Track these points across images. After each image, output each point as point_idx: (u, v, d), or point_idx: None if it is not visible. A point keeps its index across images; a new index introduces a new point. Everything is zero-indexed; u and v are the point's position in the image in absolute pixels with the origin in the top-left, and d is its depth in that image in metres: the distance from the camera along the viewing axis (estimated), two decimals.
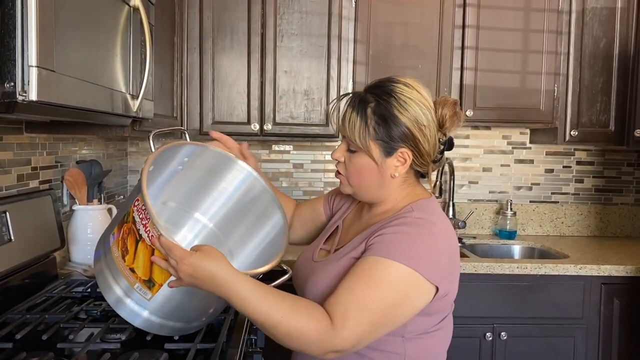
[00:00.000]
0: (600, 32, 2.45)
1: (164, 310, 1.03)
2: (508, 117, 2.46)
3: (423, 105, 1.10)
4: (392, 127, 1.09)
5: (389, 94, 1.10)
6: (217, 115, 2.36)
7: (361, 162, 1.13)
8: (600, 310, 2.18)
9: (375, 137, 1.10)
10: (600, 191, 2.84)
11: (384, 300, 1.00)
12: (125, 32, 1.34)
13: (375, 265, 1.02)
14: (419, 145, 1.10)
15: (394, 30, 2.39)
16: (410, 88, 1.11)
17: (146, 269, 0.99)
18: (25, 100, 0.87)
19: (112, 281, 1.03)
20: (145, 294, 1.00)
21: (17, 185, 1.58)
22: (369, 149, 1.11)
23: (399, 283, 1.01)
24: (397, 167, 1.12)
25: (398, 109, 1.08)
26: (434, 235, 1.07)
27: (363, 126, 1.10)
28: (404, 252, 1.02)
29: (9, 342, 1.13)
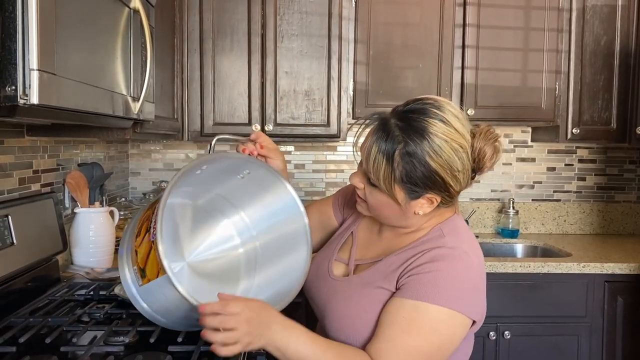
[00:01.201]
0: (601, 29, 2.44)
1: (149, 301, 1.05)
2: (509, 116, 2.46)
3: (460, 148, 0.99)
4: (421, 174, 0.98)
5: (422, 135, 0.97)
6: (218, 117, 2.36)
7: (382, 198, 1.05)
8: (603, 309, 2.17)
9: (401, 181, 1.00)
10: (603, 189, 2.84)
11: (429, 347, 0.98)
12: (125, 34, 1.34)
13: (414, 311, 0.98)
14: (450, 189, 1.01)
15: (394, 30, 2.39)
16: (447, 125, 0.98)
17: (143, 258, 1.01)
18: (26, 103, 0.86)
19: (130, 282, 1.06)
20: (138, 280, 1.02)
21: (19, 189, 1.58)
22: (394, 192, 1.02)
23: (442, 327, 0.98)
24: (423, 206, 1.04)
25: (430, 154, 0.97)
26: (469, 268, 1.02)
27: (389, 169, 1.00)
28: (443, 293, 0.98)
29: (13, 345, 1.12)
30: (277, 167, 1.21)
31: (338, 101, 2.37)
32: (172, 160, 2.75)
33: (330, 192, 2.76)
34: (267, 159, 1.21)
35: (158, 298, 1.02)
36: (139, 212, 1.09)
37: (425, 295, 0.98)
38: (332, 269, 1.20)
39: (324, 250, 1.29)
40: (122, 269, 1.07)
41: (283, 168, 1.24)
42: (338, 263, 1.21)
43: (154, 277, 0.98)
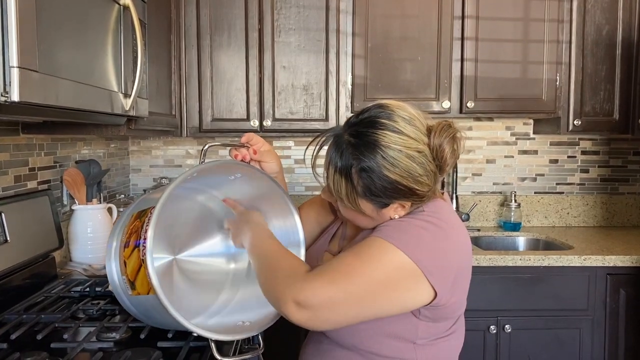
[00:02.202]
0: (603, 19, 2.41)
1: (139, 309, 1.05)
2: (510, 108, 2.43)
3: (416, 153, 0.96)
4: (381, 188, 0.97)
5: (374, 150, 0.96)
6: (216, 113, 2.36)
7: (352, 213, 1.05)
8: (605, 301, 2.15)
9: (364, 196, 1.00)
10: (606, 181, 2.81)
11: (370, 277, 0.93)
12: (115, 30, 1.34)
13: (373, 244, 0.96)
14: (417, 191, 0.99)
15: (393, 22, 2.37)
16: (399, 133, 0.96)
17: (133, 272, 1.00)
18: (7, 101, 0.86)
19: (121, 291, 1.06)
20: (127, 289, 1.02)
21: (15, 187, 1.59)
22: (360, 206, 1.02)
23: (392, 268, 0.94)
24: (397, 210, 1.02)
25: (387, 167, 0.96)
26: (445, 237, 0.99)
27: (350, 188, 1.00)
28: (410, 242, 0.95)
29: (4, 342, 1.13)
30: (273, 170, 1.20)
31: (336, 95, 2.36)
32: (172, 156, 2.75)
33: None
34: (261, 163, 1.19)
35: (148, 308, 1.02)
36: (126, 216, 1.07)
37: (389, 236, 0.96)
38: (321, 260, 1.21)
39: (317, 243, 1.30)
40: (109, 269, 1.06)
41: (279, 170, 1.22)
42: (327, 254, 1.22)
43: (145, 292, 0.97)
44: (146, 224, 0.96)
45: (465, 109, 2.39)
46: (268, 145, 1.20)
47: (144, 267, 0.95)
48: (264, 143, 1.20)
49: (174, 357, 1.06)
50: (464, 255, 1.03)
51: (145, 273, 0.94)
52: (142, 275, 0.97)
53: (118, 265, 1.03)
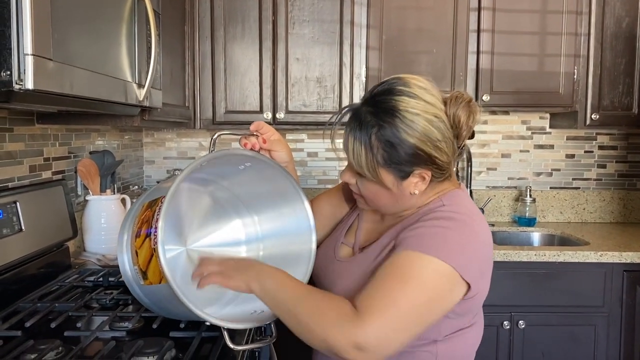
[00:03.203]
0: (623, 11, 2.36)
1: (151, 299, 1.04)
2: (526, 102, 2.40)
3: (434, 117, 0.97)
4: (401, 152, 0.97)
5: (392, 114, 0.97)
6: (229, 105, 2.35)
7: (373, 188, 1.04)
8: (622, 298, 2.12)
9: (384, 164, 0.99)
10: (624, 176, 2.76)
11: (416, 298, 0.92)
12: (130, 21, 1.33)
13: (407, 260, 0.94)
14: (436, 161, 0.99)
15: (408, 14, 2.35)
16: (415, 99, 0.97)
17: (144, 262, 1.00)
18: (22, 89, 0.86)
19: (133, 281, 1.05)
20: (139, 279, 1.01)
21: (29, 176, 1.60)
22: (380, 177, 1.00)
23: (433, 279, 0.93)
24: (417, 184, 1.02)
25: (405, 130, 0.96)
26: (470, 231, 0.99)
27: (370, 156, 0.99)
28: (440, 246, 0.94)
29: (19, 330, 1.14)
30: (283, 159, 1.18)
31: (350, 88, 2.34)
32: (186, 148, 2.76)
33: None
34: (271, 152, 1.17)
35: (160, 298, 1.01)
36: (137, 206, 1.06)
37: (421, 246, 0.95)
38: (338, 252, 1.19)
39: (332, 235, 1.28)
40: (121, 261, 1.05)
41: (289, 160, 1.20)
42: (344, 246, 1.20)
43: (157, 282, 0.97)
44: (157, 213, 0.96)
45: (480, 102, 2.36)
46: (278, 134, 1.18)
47: (155, 257, 0.95)
48: (274, 132, 1.17)
49: (186, 347, 1.06)
50: (488, 245, 1.03)
51: (157, 262, 0.94)
52: (154, 264, 0.96)
53: (130, 256, 1.03)
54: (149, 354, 1.02)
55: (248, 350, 1.15)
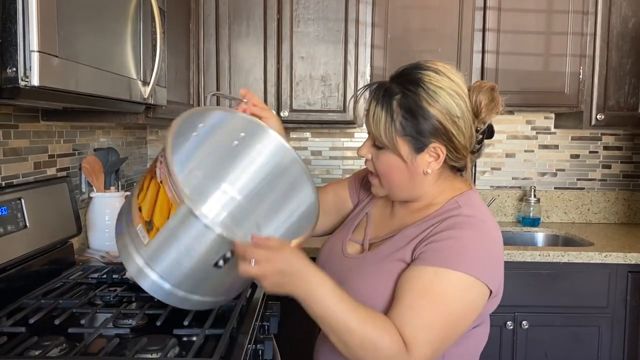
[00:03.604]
0: (629, 11, 2.35)
1: (156, 261, 0.94)
2: (531, 101, 2.39)
3: (455, 94, 1.00)
4: (420, 121, 0.99)
5: (416, 84, 1.00)
6: (233, 103, 2.35)
7: (389, 160, 1.05)
8: (626, 300, 2.11)
9: (402, 133, 1.01)
10: (629, 177, 2.75)
11: (450, 315, 0.95)
12: (135, 18, 1.34)
13: (435, 278, 0.95)
14: (453, 139, 1.01)
15: (413, 13, 2.34)
16: (440, 75, 1.00)
17: (149, 209, 0.94)
18: (27, 85, 0.86)
19: (133, 249, 0.96)
20: (143, 238, 0.94)
21: (34, 173, 1.60)
22: (397, 146, 1.02)
23: (462, 294, 0.96)
24: (430, 164, 1.03)
25: (427, 100, 0.99)
26: (487, 236, 1.01)
27: (389, 121, 1.01)
28: (462, 259, 0.96)
29: (23, 326, 1.14)
30: (274, 127, 1.17)
31: (355, 87, 2.34)
32: None
33: (350, 176, 2.74)
34: (262, 119, 1.16)
35: (169, 252, 0.93)
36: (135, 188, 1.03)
37: (445, 262, 0.96)
38: (347, 249, 1.18)
39: (338, 231, 1.27)
40: (122, 246, 0.98)
41: (280, 128, 1.19)
42: (352, 243, 1.19)
43: (165, 219, 0.90)
44: (160, 155, 0.91)
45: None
46: (264, 103, 1.19)
47: (161, 190, 0.90)
48: (261, 101, 1.18)
49: (190, 344, 1.05)
50: (501, 247, 1.05)
51: (164, 195, 0.89)
52: (162, 200, 0.91)
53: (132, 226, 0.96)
54: (153, 351, 1.02)
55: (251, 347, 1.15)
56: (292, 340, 1.71)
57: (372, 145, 1.07)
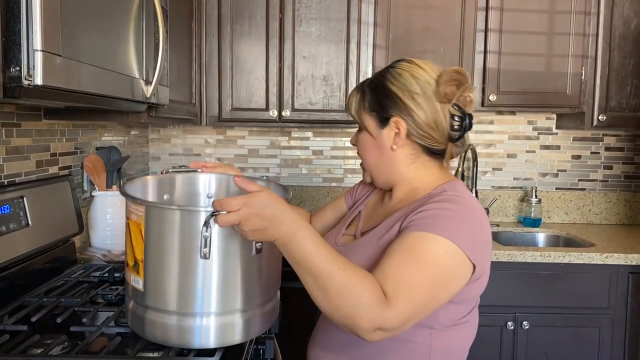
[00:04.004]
0: (632, 12, 2.35)
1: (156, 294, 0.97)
2: (533, 102, 2.39)
3: (419, 76, 1.09)
4: (382, 97, 1.12)
5: (387, 69, 1.14)
6: (235, 102, 2.36)
7: (363, 138, 1.17)
8: (627, 301, 2.11)
9: (368, 109, 1.14)
10: (630, 178, 2.75)
11: (433, 277, 0.96)
12: (138, 17, 1.34)
13: (420, 241, 0.97)
14: (413, 114, 1.08)
15: (415, 13, 2.34)
16: (411, 64, 1.12)
17: (130, 253, 0.99)
18: (30, 84, 0.87)
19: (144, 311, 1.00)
20: (138, 284, 0.98)
21: (36, 171, 1.60)
22: (365, 122, 1.15)
23: (446, 260, 0.97)
24: (395, 139, 1.11)
25: (390, 79, 1.11)
26: (473, 214, 1.04)
27: (360, 101, 1.16)
28: (448, 228, 0.98)
29: (25, 324, 1.15)
30: None
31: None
32: (191, 145, 2.76)
33: (348, 178, 2.75)
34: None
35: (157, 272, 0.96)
36: None
37: (430, 228, 0.98)
38: (339, 240, 1.23)
39: (334, 229, 1.33)
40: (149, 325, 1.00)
41: None
42: (345, 236, 1.24)
43: (142, 243, 0.95)
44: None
45: (487, 102, 2.36)
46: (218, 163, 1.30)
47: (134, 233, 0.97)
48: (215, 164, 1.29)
49: None
50: (488, 230, 1.07)
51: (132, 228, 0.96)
52: (133, 232, 0.98)
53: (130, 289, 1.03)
54: (154, 349, 1.02)
55: (252, 347, 1.15)
56: (293, 339, 1.71)
57: (358, 131, 1.20)
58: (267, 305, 1.07)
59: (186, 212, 0.94)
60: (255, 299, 1.02)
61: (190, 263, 0.94)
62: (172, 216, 0.94)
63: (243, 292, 0.99)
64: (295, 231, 0.91)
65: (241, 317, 1.00)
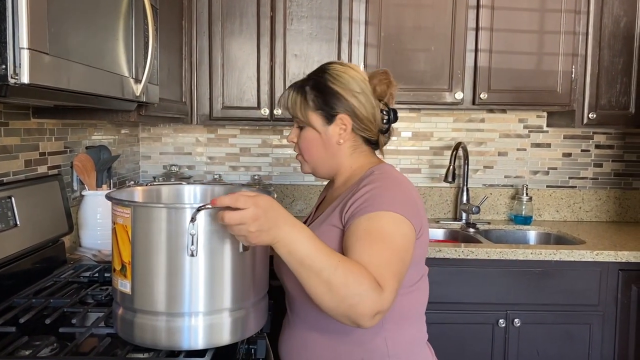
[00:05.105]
0: (621, 11, 2.36)
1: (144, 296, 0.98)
2: (524, 100, 2.40)
3: (355, 77, 1.22)
4: (327, 96, 1.21)
5: (323, 72, 1.24)
6: (226, 100, 2.35)
7: (308, 135, 1.25)
8: (617, 297, 2.12)
9: (314, 108, 1.22)
10: (620, 175, 2.77)
11: (397, 249, 1.05)
12: (127, 15, 1.33)
13: (371, 222, 1.07)
14: (355, 110, 1.21)
15: (406, 11, 2.34)
16: (343, 66, 1.24)
17: (117, 257, 1.00)
18: (17, 83, 0.85)
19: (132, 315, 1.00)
20: (125, 287, 0.98)
21: (25, 171, 1.59)
22: (311, 120, 1.23)
23: (397, 229, 1.07)
24: (341, 134, 1.23)
25: (331, 80, 1.22)
26: (397, 182, 1.17)
27: (303, 101, 1.24)
28: (385, 202, 1.09)
29: (13, 326, 1.13)
30: None
31: None
32: (182, 144, 2.75)
33: None
34: None
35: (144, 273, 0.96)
36: None
37: (371, 207, 1.09)
38: None
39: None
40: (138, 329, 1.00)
41: None
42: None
43: (128, 245, 0.96)
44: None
45: (478, 100, 2.36)
46: None
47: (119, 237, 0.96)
48: None
49: None
50: (413, 191, 1.18)
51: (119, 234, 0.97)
52: (120, 235, 0.98)
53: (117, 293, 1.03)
54: (144, 350, 1.01)
55: (244, 347, 1.14)
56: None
57: (297, 128, 1.28)
58: (256, 304, 1.07)
59: (172, 210, 0.94)
60: (244, 297, 1.02)
61: (178, 262, 0.94)
62: (158, 215, 0.94)
63: (231, 290, 0.99)
64: (297, 231, 0.94)
65: (230, 317, 1.00)
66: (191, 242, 0.92)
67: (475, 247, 2.12)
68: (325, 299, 0.96)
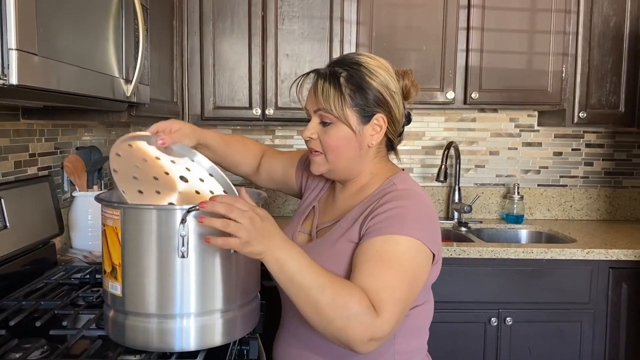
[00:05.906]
0: (611, 10, 2.38)
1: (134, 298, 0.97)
2: (515, 99, 2.41)
3: (391, 74, 1.13)
4: (366, 93, 1.10)
5: (358, 64, 1.11)
6: (218, 100, 2.34)
7: (338, 133, 1.11)
8: (608, 295, 2.14)
9: (351, 104, 1.10)
10: (610, 174, 2.79)
11: (406, 275, 1.00)
12: (117, 15, 1.32)
13: (386, 245, 1.01)
14: (392, 111, 1.13)
15: (397, 11, 2.34)
16: (374, 59, 1.13)
17: (107, 260, 0.99)
18: (5, 84, 0.85)
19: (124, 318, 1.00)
20: (116, 290, 0.98)
21: (14, 172, 1.57)
22: (347, 117, 1.10)
23: (412, 256, 1.02)
24: (374, 136, 1.13)
25: (369, 75, 1.10)
26: (423, 204, 1.09)
27: (338, 95, 1.09)
28: (407, 226, 1.02)
29: (3, 328, 1.12)
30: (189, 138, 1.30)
31: None
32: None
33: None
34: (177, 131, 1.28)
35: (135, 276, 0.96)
36: None
37: (390, 229, 1.02)
38: (297, 239, 1.23)
39: (289, 223, 1.32)
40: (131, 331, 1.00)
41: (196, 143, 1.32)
42: (302, 234, 1.25)
43: (118, 247, 0.95)
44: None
45: (469, 99, 2.37)
46: (177, 123, 1.29)
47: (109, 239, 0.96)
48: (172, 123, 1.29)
49: None
50: (437, 218, 1.12)
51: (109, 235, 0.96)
52: (110, 237, 0.97)
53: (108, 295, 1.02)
54: (135, 352, 1.01)
55: (236, 348, 1.14)
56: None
57: (319, 124, 1.14)
58: (248, 305, 1.07)
59: (163, 211, 0.94)
60: (235, 298, 1.02)
61: (168, 264, 0.94)
62: (148, 216, 0.94)
63: (222, 291, 0.99)
64: (290, 247, 0.94)
65: (221, 318, 1.00)
66: (182, 243, 0.92)
67: (467, 246, 2.12)
68: (315, 320, 0.95)
